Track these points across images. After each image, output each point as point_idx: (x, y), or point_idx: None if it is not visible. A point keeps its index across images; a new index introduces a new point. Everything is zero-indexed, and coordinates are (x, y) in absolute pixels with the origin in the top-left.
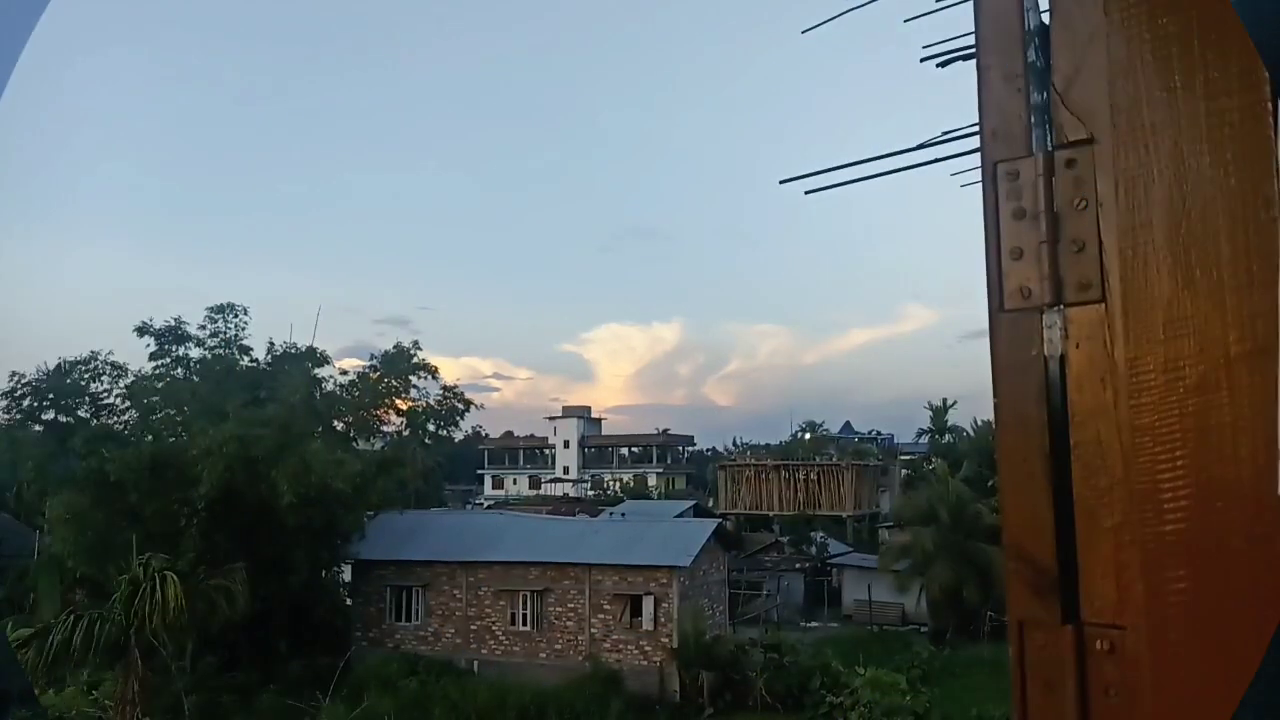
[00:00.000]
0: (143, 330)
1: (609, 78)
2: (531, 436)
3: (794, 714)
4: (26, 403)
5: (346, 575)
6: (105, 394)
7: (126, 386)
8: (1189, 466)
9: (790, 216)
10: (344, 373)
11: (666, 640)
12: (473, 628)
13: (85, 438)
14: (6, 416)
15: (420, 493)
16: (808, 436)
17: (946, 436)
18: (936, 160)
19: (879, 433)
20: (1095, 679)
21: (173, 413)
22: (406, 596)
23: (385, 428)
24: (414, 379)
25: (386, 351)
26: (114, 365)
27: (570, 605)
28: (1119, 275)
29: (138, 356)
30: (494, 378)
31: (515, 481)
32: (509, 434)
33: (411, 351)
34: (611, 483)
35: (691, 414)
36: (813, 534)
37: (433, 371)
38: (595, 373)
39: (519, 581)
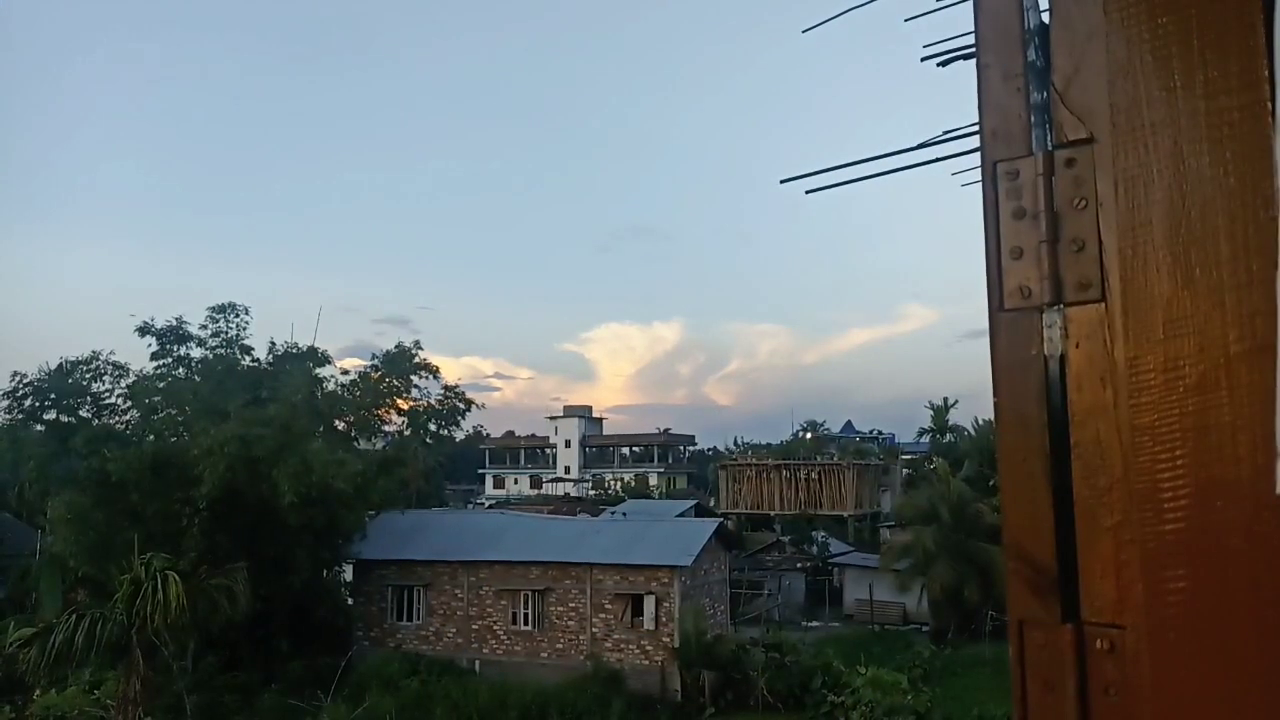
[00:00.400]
0: (144, 330)
1: (609, 77)
2: (532, 436)
3: (795, 713)
4: (28, 402)
5: (348, 575)
6: (107, 394)
7: (128, 386)
8: (1188, 466)
9: (790, 216)
10: (345, 372)
11: (668, 640)
12: (474, 627)
13: (87, 437)
14: (8, 416)
15: (421, 492)
16: (808, 436)
17: (947, 436)
18: (936, 160)
19: (880, 432)
20: (1095, 678)
21: (174, 412)
22: (408, 596)
23: (386, 427)
24: (415, 379)
25: (387, 351)
26: (115, 365)
27: (571, 605)
28: (1119, 274)
29: (139, 356)
30: (495, 377)
31: (516, 481)
32: (510, 434)
33: (412, 351)
34: (612, 482)
35: (692, 413)
36: (814, 533)
37: (434, 371)
38: (596, 372)
39: (520, 581)
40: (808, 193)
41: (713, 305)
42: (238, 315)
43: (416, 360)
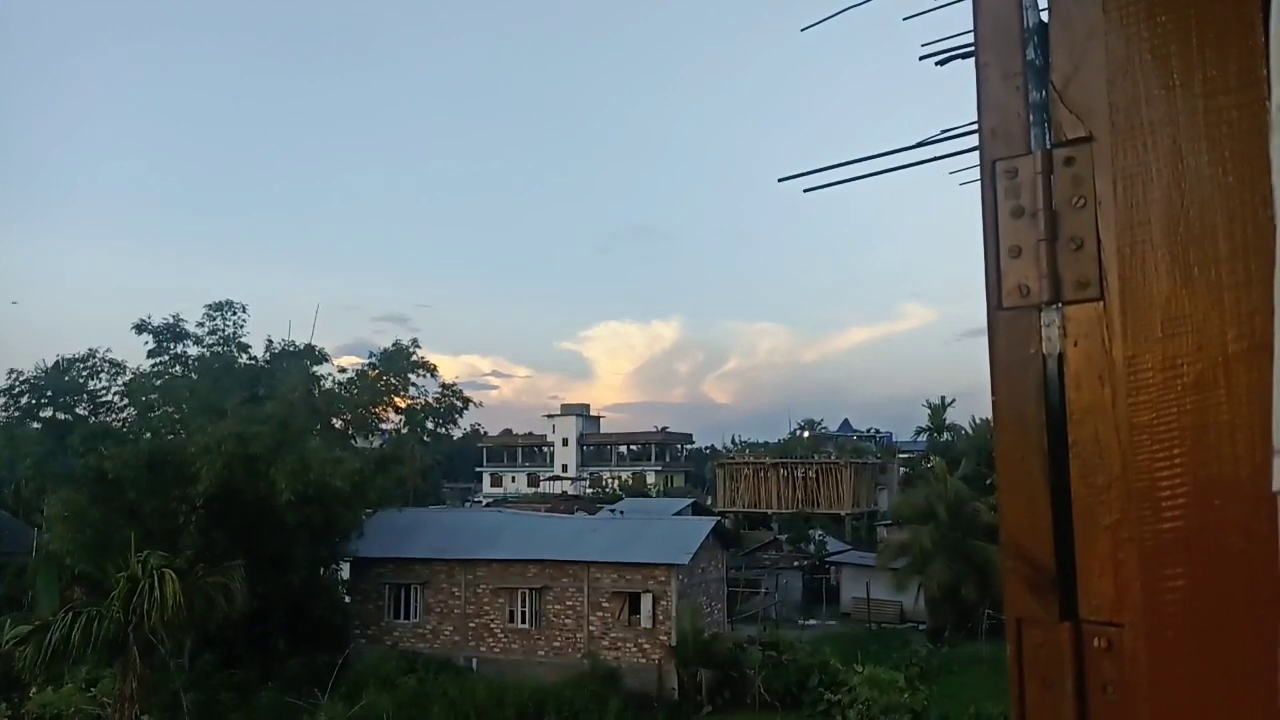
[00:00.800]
0: (141, 328)
1: (608, 76)
2: (530, 434)
3: (792, 712)
4: (25, 400)
5: (345, 573)
6: (104, 391)
7: (125, 384)
8: (1187, 464)
9: (789, 215)
10: (343, 370)
11: (665, 638)
12: (471, 625)
13: (84, 435)
14: (5, 414)
15: (419, 490)
16: (806, 434)
17: (945, 434)
18: (935, 159)
19: (877, 431)
20: (1093, 676)
21: (171, 410)
22: (405, 594)
23: (384, 425)
24: (413, 377)
25: (385, 349)
26: (112, 363)
27: (569, 603)
28: (1117, 273)
29: (136, 354)
30: (493, 375)
31: (514, 479)
32: (508, 432)
33: (410, 349)
34: (610, 480)
35: (690, 412)
36: (811, 532)
37: (431, 369)
38: (594, 370)
39: (517, 579)
40: (806, 191)
41: (711, 304)
42: (235, 313)
43: (414, 358)
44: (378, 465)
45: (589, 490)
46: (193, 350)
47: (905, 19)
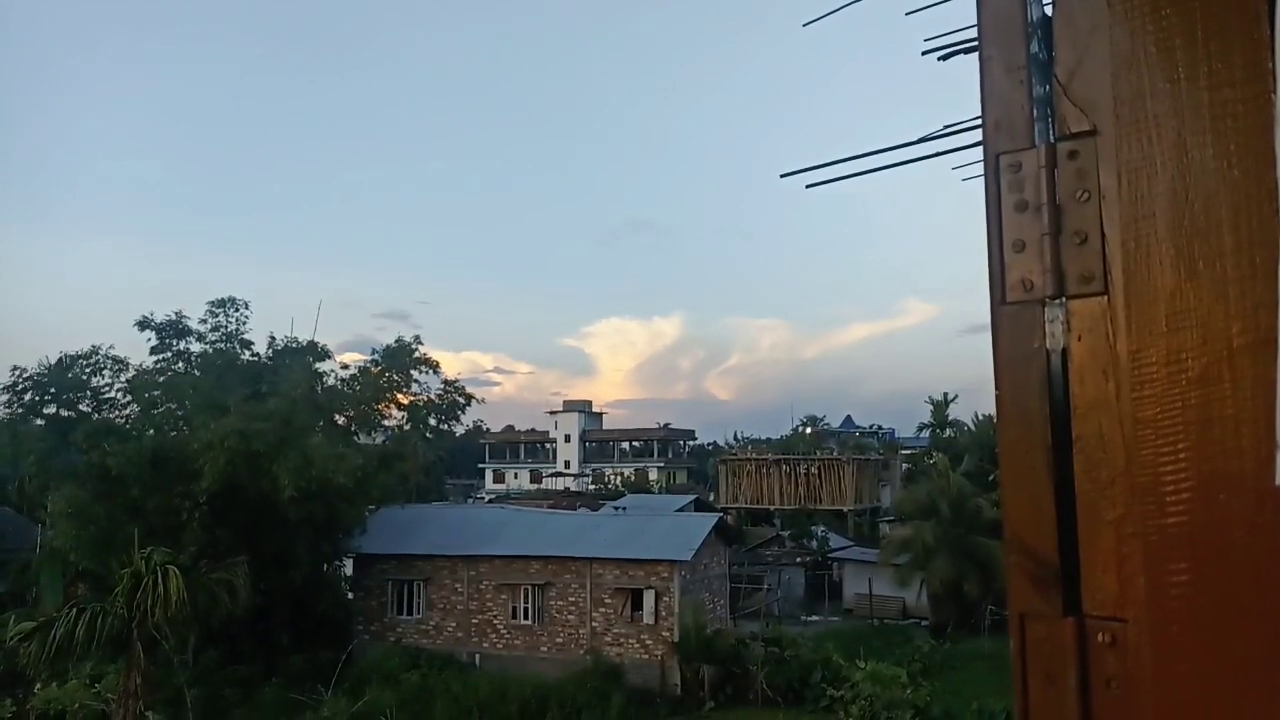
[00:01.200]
0: (144, 324)
1: (610, 72)
2: (532, 431)
3: (795, 708)
4: (28, 397)
5: (348, 569)
6: (106, 388)
7: (128, 381)
8: (1191, 459)
9: (791, 211)
10: (345, 367)
11: (667, 634)
12: (474, 621)
13: (87, 432)
14: (8, 410)
15: (421, 487)
16: (808, 430)
17: (947, 431)
18: (937, 154)
19: (880, 427)
20: (1097, 671)
21: (174, 407)
22: (408, 590)
23: (386, 422)
24: (415, 373)
25: (388, 346)
26: (115, 359)
27: (571, 599)
28: (1121, 267)
29: (139, 351)
30: (495, 372)
31: (516, 476)
32: (510, 428)
33: (413, 346)
34: (612, 477)
35: (692, 408)
36: (813, 528)
37: (434, 366)
38: (596, 367)
39: (520, 575)
40: (808, 187)
41: (713, 300)
42: (237, 310)
43: (416, 355)
44: (380, 462)
45: (591, 487)
46: (195, 347)
47: (908, 14)
